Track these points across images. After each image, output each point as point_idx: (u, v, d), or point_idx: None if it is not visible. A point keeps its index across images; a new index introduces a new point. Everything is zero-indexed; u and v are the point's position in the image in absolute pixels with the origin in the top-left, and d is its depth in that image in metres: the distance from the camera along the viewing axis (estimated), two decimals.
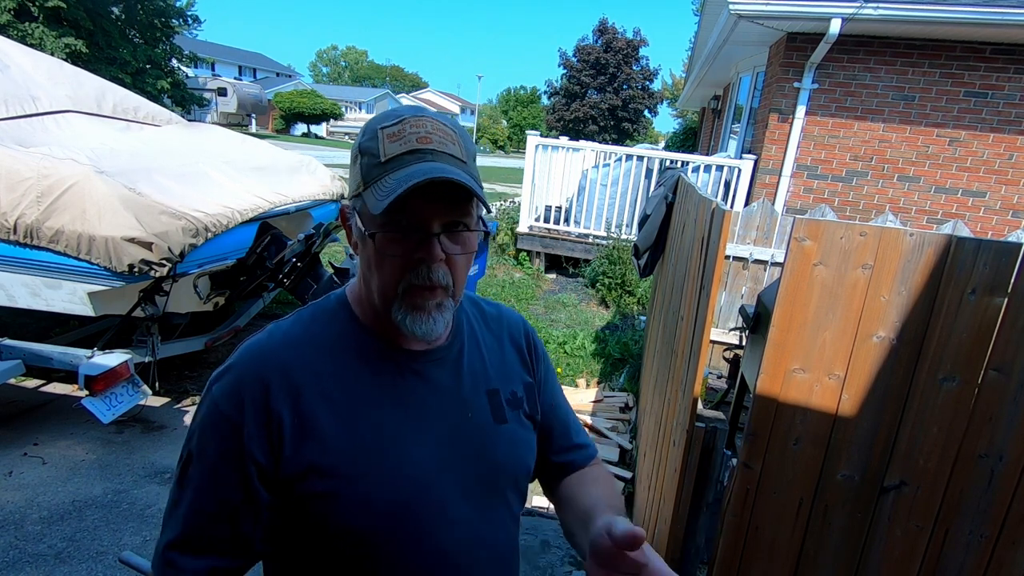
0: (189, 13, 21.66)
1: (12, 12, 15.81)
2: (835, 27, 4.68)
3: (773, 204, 5.11)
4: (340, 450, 0.69)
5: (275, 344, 0.74)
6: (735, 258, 4.46)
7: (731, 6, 4.79)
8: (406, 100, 53.63)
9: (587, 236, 6.98)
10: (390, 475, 0.71)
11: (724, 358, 3.84)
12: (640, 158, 6.68)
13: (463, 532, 0.75)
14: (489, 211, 1.16)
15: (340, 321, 0.76)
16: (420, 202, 0.65)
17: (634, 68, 31.37)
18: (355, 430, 0.71)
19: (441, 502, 0.73)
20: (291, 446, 0.69)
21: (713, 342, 4.32)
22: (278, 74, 46.23)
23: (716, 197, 4.51)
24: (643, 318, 5.62)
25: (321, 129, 37.50)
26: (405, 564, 0.72)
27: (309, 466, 0.69)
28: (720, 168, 6.30)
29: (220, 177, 3.37)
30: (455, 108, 59.34)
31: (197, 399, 3.64)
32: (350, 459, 0.70)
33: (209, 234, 2.90)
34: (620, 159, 6.79)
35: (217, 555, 0.71)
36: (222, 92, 30.63)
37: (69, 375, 2.98)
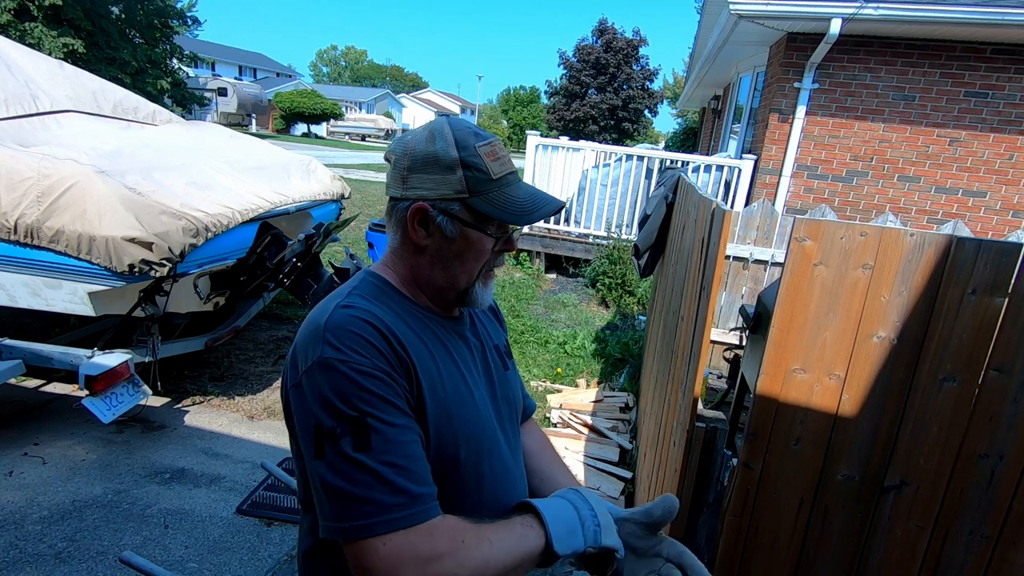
0: (189, 15, 21.62)
1: (12, 12, 15.80)
2: (835, 27, 4.68)
3: (773, 204, 5.10)
4: (437, 398, 0.82)
5: (366, 307, 0.80)
6: (735, 258, 4.46)
7: (731, 6, 4.78)
8: (406, 100, 53.63)
9: (587, 236, 6.98)
10: (470, 416, 0.87)
11: (724, 358, 3.85)
12: (640, 158, 6.68)
13: (508, 454, 0.95)
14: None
15: (396, 296, 0.88)
16: None
17: (634, 68, 31.33)
18: (441, 381, 0.84)
19: (495, 434, 0.92)
20: (413, 389, 0.79)
21: (713, 342, 4.32)
22: (278, 74, 46.18)
23: (716, 197, 4.51)
24: (643, 318, 5.62)
25: (321, 129, 37.45)
26: (481, 478, 0.88)
27: (420, 407, 0.80)
28: (720, 168, 6.30)
29: (220, 177, 3.37)
30: (455, 108, 59.28)
31: (197, 399, 3.64)
32: (444, 403, 0.83)
33: (209, 234, 2.90)
34: (620, 159, 6.79)
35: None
36: (222, 92, 30.60)
37: (69, 375, 2.98)
